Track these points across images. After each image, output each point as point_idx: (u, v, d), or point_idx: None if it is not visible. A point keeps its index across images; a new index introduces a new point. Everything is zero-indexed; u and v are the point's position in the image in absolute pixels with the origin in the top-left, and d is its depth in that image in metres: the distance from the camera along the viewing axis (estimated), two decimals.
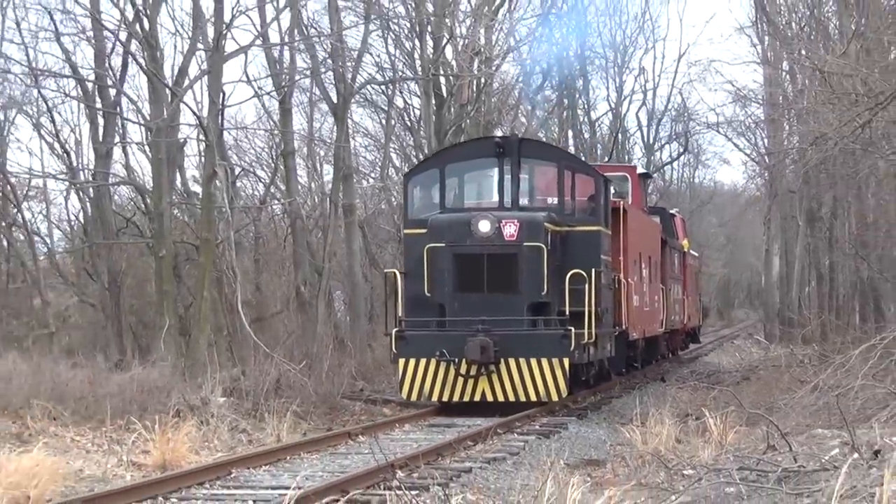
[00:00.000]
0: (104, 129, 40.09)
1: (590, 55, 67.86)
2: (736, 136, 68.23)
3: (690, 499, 14.60)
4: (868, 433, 17.56)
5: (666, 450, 19.88)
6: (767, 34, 52.44)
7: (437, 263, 27.23)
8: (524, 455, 20.61)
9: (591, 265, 27.40)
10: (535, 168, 30.47)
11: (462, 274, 27.02)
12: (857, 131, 26.30)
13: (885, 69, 27.15)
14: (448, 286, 27.11)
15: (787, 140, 50.69)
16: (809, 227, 51.42)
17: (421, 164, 32.88)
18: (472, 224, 26.78)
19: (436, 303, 27.56)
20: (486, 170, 29.91)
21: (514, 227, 26.73)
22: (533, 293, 27.08)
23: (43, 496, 16.40)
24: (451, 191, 30.24)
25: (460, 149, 32.53)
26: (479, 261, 26.85)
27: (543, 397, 26.36)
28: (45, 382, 26.90)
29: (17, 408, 25.02)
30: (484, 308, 26.58)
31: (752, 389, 30.29)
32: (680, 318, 46.79)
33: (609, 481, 15.68)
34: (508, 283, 26.96)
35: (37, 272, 42.10)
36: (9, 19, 41.27)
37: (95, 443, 23.15)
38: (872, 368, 22.21)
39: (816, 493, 13.95)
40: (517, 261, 26.87)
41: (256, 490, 16.84)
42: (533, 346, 26.39)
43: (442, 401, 27.02)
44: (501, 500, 13.32)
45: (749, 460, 17.63)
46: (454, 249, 26.97)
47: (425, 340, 27.10)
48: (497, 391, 26.42)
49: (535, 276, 26.85)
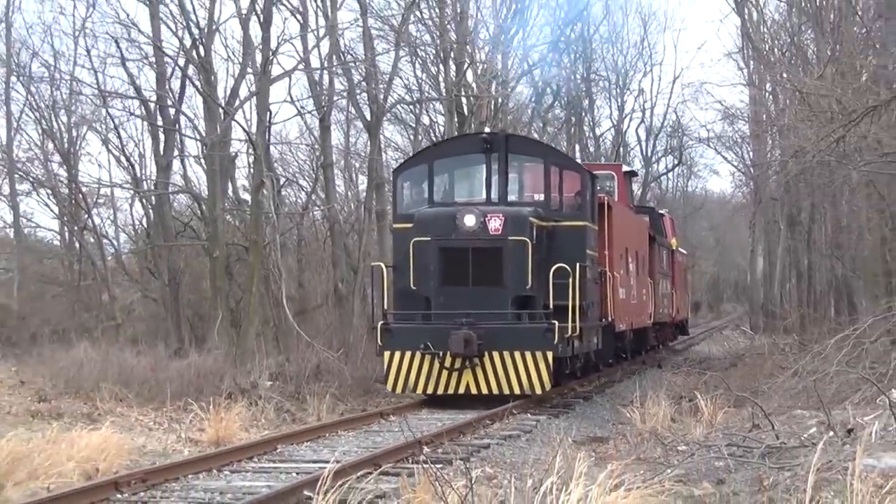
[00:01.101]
0: (164, 144, 40.16)
1: (594, 78, 67.86)
2: (724, 150, 68.39)
3: (684, 472, 14.55)
4: (842, 414, 17.50)
5: (662, 428, 19.84)
6: (752, 59, 52.31)
7: (423, 257, 24.95)
8: (536, 433, 20.58)
9: (577, 260, 25.16)
10: (522, 164, 28.17)
11: (447, 267, 24.79)
12: (833, 145, 26.22)
13: (857, 90, 27.05)
14: (433, 280, 24.88)
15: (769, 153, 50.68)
16: (790, 231, 51.27)
17: (410, 160, 29.86)
18: (458, 218, 24.58)
19: (422, 296, 25.30)
20: (474, 165, 27.70)
21: (499, 221, 24.63)
22: (517, 287, 24.81)
23: (110, 468, 16.42)
24: (439, 186, 28.04)
25: (448, 145, 30.42)
26: (464, 254, 24.64)
27: (527, 390, 24.08)
28: (112, 368, 26.94)
29: (88, 391, 25.06)
30: (469, 301, 24.48)
31: (738, 375, 30.21)
32: (668, 311, 45.30)
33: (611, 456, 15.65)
34: (493, 276, 24.76)
35: (105, 271, 42.18)
36: (80, 47, 41.37)
37: (157, 421, 23.18)
38: (846, 356, 22.13)
39: (796, 466, 13.89)
40: (502, 255, 24.69)
41: (299, 463, 16.84)
42: (517, 340, 24.24)
43: (427, 393, 24.91)
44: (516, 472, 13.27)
45: (736, 438, 17.57)
46: (440, 243, 24.73)
47: (410, 333, 24.85)
48: (481, 384, 24.25)
49: (520, 269, 24.70)
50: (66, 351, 29.56)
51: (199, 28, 38.48)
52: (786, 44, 47.77)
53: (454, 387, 24.35)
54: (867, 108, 24.97)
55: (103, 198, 45.41)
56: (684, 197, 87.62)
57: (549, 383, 24.26)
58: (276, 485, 14.98)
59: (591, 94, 68.17)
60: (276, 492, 14.02)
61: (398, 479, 12.89)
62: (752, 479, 13.63)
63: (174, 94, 39.94)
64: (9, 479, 15.03)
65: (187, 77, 39.52)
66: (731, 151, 67.41)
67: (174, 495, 14.78)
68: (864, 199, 35.28)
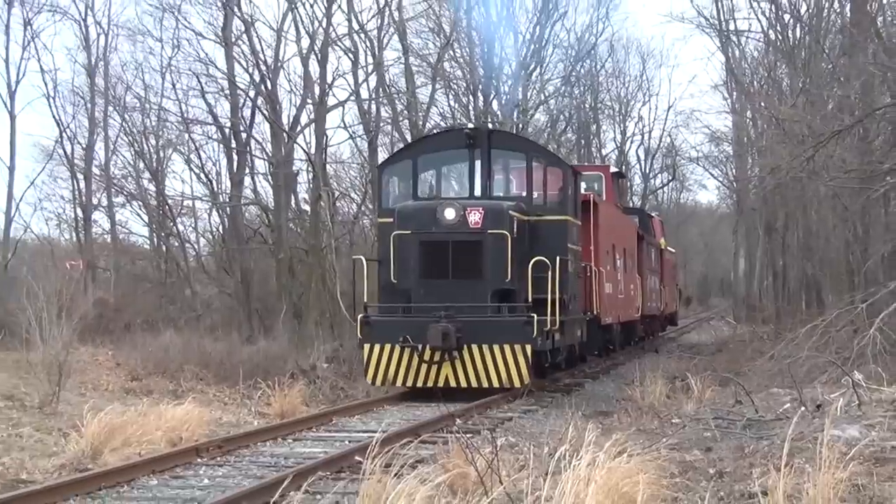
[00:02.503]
0: (237, 163, 40.35)
1: (601, 107, 67.89)
2: (711, 168, 68.90)
3: (677, 441, 14.51)
4: (812, 392, 17.44)
5: (658, 404, 19.80)
6: (735, 90, 52.13)
7: (404, 250, 22.04)
8: (551, 408, 20.57)
9: (558, 254, 22.21)
10: (506, 159, 25.09)
11: (427, 261, 21.79)
12: (804, 164, 26.10)
13: (825, 117, 27.01)
14: (414, 273, 21.90)
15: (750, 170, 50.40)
16: (767, 236, 51.03)
17: (395, 155, 26.83)
18: (438, 212, 21.65)
19: (402, 289, 22.30)
20: (458, 160, 24.64)
21: (478, 215, 21.65)
22: (497, 280, 21.80)
23: (192, 437, 16.47)
24: (423, 181, 24.72)
25: (433, 140, 27.15)
26: (444, 248, 21.67)
27: (506, 383, 21.18)
28: (193, 352, 27.08)
29: (173, 371, 25.19)
30: (449, 295, 21.45)
31: (723, 359, 30.07)
32: (657, 304, 42.63)
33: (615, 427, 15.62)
34: (473, 269, 21.72)
35: (187, 270, 42.43)
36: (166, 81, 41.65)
37: (231, 398, 23.28)
38: (815, 343, 22.06)
39: (773, 436, 13.86)
40: (482, 248, 21.69)
41: (351, 433, 16.87)
42: (496, 333, 21.26)
43: (407, 386, 21.99)
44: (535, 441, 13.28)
45: (721, 412, 17.53)
46: (420, 236, 21.80)
47: (389, 326, 21.82)
48: (460, 377, 21.23)
49: (500, 263, 21.66)
50: (155, 338, 29.70)
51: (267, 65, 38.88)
52: (763, 77, 47.68)
53: (433, 380, 21.35)
54: (833, 132, 24.89)
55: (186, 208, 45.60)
56: (677, 207, 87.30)
57: (529, 376, 21.33)
58: (331, 451, 15.02)
59: (598, 121, 68.14)
60: (332, 457, 14.06)
61: (435, 447, 12.92)
62: (735, 447, 13.59)
63: (245, 121, 40.21)
64: (106, 445, 15.10)
65: (257, 107, 39.81)
66: (717, 169, 68.02)
67: (245, 459, 14.84)
68: (831, 210, 35.17)
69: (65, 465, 14.50)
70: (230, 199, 40.57)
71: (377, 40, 40.66)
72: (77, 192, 44.18)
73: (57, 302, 22.48)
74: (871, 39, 28.63)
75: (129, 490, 12.59)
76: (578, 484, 8.80)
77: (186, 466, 14.09)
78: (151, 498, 12.14)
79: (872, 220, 31.11)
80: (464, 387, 21.15)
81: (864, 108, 26.14)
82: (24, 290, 23.56)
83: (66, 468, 14.34)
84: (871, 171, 25.37)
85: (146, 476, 13.26)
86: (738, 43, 49.65)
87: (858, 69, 27.31)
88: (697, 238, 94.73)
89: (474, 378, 21.19)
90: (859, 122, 25.78)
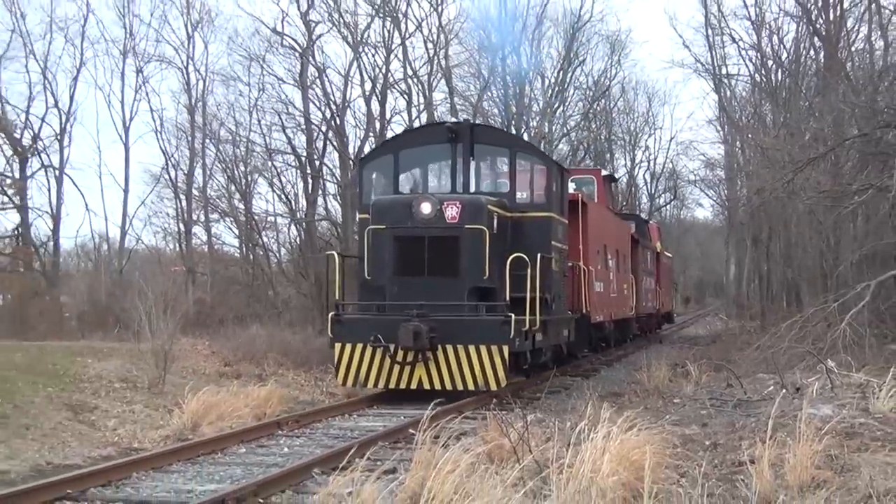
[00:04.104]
0: (312, 186, 40.40)
1: (614, 138, 67.78)
2: (706, 189, 68.38)
3: (679, 417, 14.44)
4: (792, 377, 17.30)
5: (662, 387, 19.68)
6: (726, 124, 51.80)
7: (379, 246, 18.08)
8: (573, 389, 20.44)
9: (541, 251, 18.35)
10: (489, 155, 20.79)
11: (402, 257, 17.75)
12: (785, 185, 25.98)
13: (802, 146, 26.81)
14: (388, 269, 17.88)
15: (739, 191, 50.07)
16: (754, 246, 50.61)
17: (376, 150, 22.05)
18: (414, 206, 17.65)
19: (377, 287, 18.31)
20: (440, 155, 20.10)
21: (455, 209, 17.61)
22: (474, 277, 17.68)
23: (274, 413, 16.53)
24: (404, 176, 20.60)
25: (414, 135, 21.87)
26: (419, 243, 17.57)
27: (482, 386, 17.13)
28: (275, 343, 27.14)
29: (259, 358, 25.24)
30: (424, 292, 17.44)
31: (717, 348, 29.91)
32: (653, 304, 39.01)
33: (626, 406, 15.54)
34: (449, 266, 17.64)
35: (270, 274, 42.52)
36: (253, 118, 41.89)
37: (306, 380, 23.29)
38: (794, 335, 21.89)
39: (759, 413, 13.76)
40: (458, 243, 17.59)
41: (405, 410, 16.75)
42: (472, 333, 17.17)
43: (378, 387, 17.95)
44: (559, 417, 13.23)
45: (715, 393, 17.43)
46: (395, 231, 17.76)
47: (361, 325, 17.72)
48: (434, 379, 17.25)
49: (477, 259, 17.53)
50: (244, 330, 29.79)
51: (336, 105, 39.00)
52: (750, 113, 47.44)
53: (406, 381, 17.42)
54: (809, 159, 24.81)
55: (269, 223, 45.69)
56: (678, 222, 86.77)
57: (505, 379, 17.37)
58: (389, 425, 15.02)
59: (612, 150, 67.81)
60: (389, 430, 14.06)
61: (475, 422, 12.89)
62: (727, 423, 13.50)
63: (318, 151, 40.34)
64: (203, 420, 15.20)
65: (328, 139, 39.99)
66: (711, 190, 67.42)
67: (318, 432, 14.87)
68: (807, 224, 34.89)
69: (169, 436, 14.61)
70: (306, 216, 40.68)
71: (427, 84, 40.99)
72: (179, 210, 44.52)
73: (163, 301, 22.68)
74: (841, 81, 28.59)
75: (222, 456, 12.66)
76: (595, 453, 8.79)
77: (269, 437, 14.15)
78: (241, 463, 12.20)
79: (842, 233, 30.88)
80: (438, 389, 17.03)
81: (836, 139, 25.97)
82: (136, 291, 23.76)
83: (170, 438, 14.45)
84: (841, 191, 25.20)
85: (236, 445, 13.33)
86: (729, 84, 49.81)
87: (830, 106, 27.13)
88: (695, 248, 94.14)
89: (449, 380, 17.23)
90: (831, 151, 25.63)
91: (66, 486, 10.23)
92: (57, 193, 40.85)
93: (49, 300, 38.85)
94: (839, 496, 8.59)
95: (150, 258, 46.48)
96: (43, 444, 13.84)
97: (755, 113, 46.06)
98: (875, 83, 27.46)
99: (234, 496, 9.60)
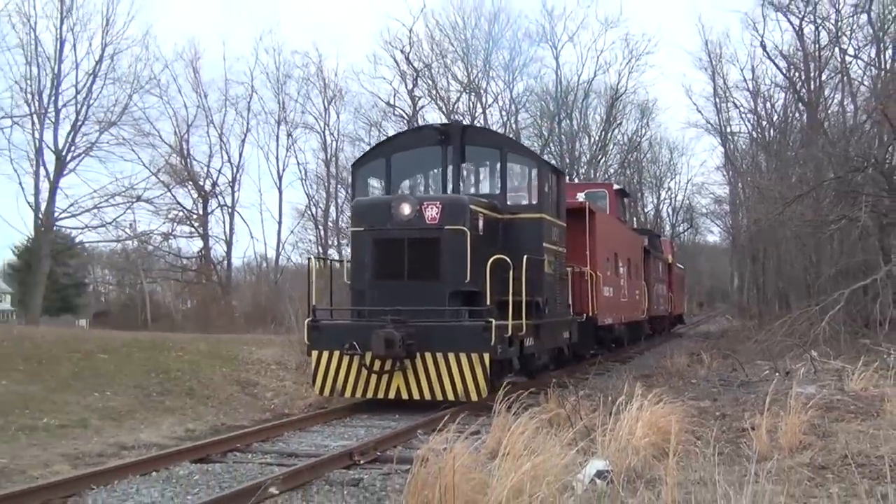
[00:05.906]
0: None
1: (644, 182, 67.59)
2: (715, 219, 67.60)
3: (695, 394, 14.17)
4: (783, 363, 16.93)
5: (682, 370, 19.37)
6: (730, 169, 51.24)
7: (359, 249, 13.51)
8: (613, 372, 20.18)
9: (532, 252, 14.10)
10: (481, 156, 15.57)
11: (381, 260, 13.20)
12: (776, 217, 25.66)
13: (790, 186, 26.46)
14: (368, 273, 13.33)
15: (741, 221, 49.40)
16: (752, 263, 49.63)
17: (368, 154, 15.88)
18: (393, 207, 13.10)
19: (358, 291, 13.69)
20: (431, 157, 15.17)
21: (435, 210, 13.01)
22: (456, 281, 12.95)
23: None
24: (397, 179, 15.46)
25: (406, 138, 15.83)
26: (399, 246, 13.04)
27: (462, 397, 12.46)
28: None
29: None
30: (403, 297, 12.81)
31: (724, 342, 29.31)
32: (665, 307, 34.98)
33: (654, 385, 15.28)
34: (429, 269, 12.99)
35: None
36: None
37: None
38: (785, 332, 21.50)
39: (758, 391, 13.46)
40: (438, 245, 12.99)
41: None
42: (451, 340, 12.47)
43: (356, 397, 13.17)
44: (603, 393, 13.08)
45: (723, 376, 17.11)
46: (373, 234, 13.21)
47: (337, 332, 13.07)
48: (412, 389, 12.65)
49: (458, 262, 12.88)
50: None
51: None
52: (749, 161, 47.03)
53: (384, 391, 12.80)
54: (795, 197, 24.55)
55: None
56: (694, 245, 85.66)
57: (486, 389, 12.40)
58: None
59: (642, 191, 67.43)
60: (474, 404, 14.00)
61: (539, 396, 12.80)
62: (733, 399, 13.24)
63: None
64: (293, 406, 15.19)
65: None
66: (720, 220, 66.52)
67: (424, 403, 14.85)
68: (794, 246, 34.22)
69: (311, 405, 14.70)
70: None
71: None
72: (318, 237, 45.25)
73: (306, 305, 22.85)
74: (820, 136, 28.32)
75: (351, 420, 12.70)
76: (631, 421, 8.74)
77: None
78: (365, 426, 12.21)
79: (822, 253, 30.35)
80: (416, 398, 12.73)
81: (816, 181, 25.57)
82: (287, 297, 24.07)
83: (311, 406, 14.54)
84: (821, 221, 24.91)
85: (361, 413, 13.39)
86: (733, 140, 49.51)
87: (812, 156, 26.79)
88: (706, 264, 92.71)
89: (427, 390, 12.63)
90: (812, 190, 25.25)
91: (235, 441, 10.46)
92: (230, 225, 41.87)
93: (224, 304, 39.60)
94: (821, 455, 8.46)
95: (297, 273, 47.12)
96: (219, 410, 14.10)
97: (753, 161, 45.57)
98: (847, 137, 27.02)
99: (359, 450, 9.68)
